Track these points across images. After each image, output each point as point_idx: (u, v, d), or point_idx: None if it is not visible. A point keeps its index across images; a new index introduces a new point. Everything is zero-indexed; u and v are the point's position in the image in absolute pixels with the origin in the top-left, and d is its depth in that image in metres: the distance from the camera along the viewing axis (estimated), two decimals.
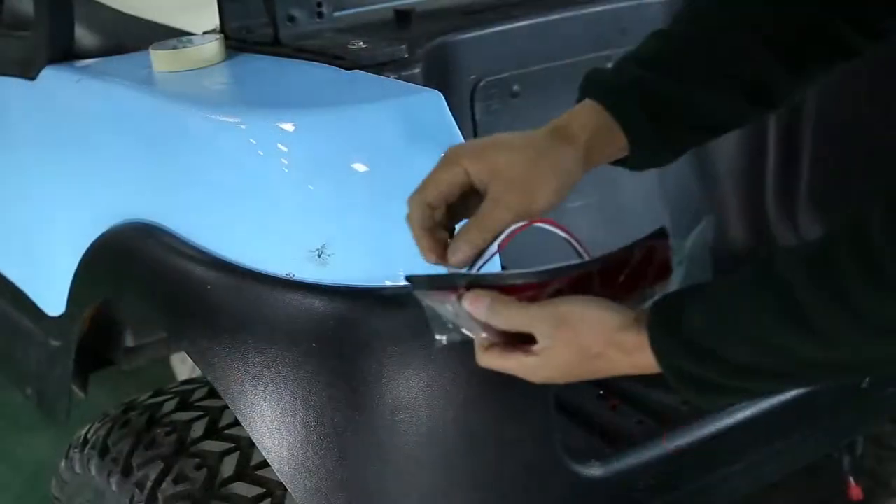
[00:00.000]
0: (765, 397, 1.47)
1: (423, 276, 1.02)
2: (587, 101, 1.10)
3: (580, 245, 1.03)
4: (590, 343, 0.98)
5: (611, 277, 1.00)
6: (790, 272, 0.87)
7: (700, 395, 0.96)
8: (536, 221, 1.03)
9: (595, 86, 1.11)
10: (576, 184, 1.07)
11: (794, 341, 0.87)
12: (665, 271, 1.03)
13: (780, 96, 1.14)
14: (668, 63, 1.11)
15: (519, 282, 1.00)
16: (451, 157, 1.05)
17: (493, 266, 1.24)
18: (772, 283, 0.89)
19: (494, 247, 1.04)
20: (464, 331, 1.03)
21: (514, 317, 0.99)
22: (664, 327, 0.95)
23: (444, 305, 1.02)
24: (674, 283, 1.05)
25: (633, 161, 1.12)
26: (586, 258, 1.03)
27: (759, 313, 0.89)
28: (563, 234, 1.03)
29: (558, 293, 1.00)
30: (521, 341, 1.01)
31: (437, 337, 1.05)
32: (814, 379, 0.94)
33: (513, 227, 1.02)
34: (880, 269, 0.80)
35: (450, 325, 1.04)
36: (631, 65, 1.12)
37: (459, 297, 1.00)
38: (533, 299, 1.00)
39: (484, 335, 1.02)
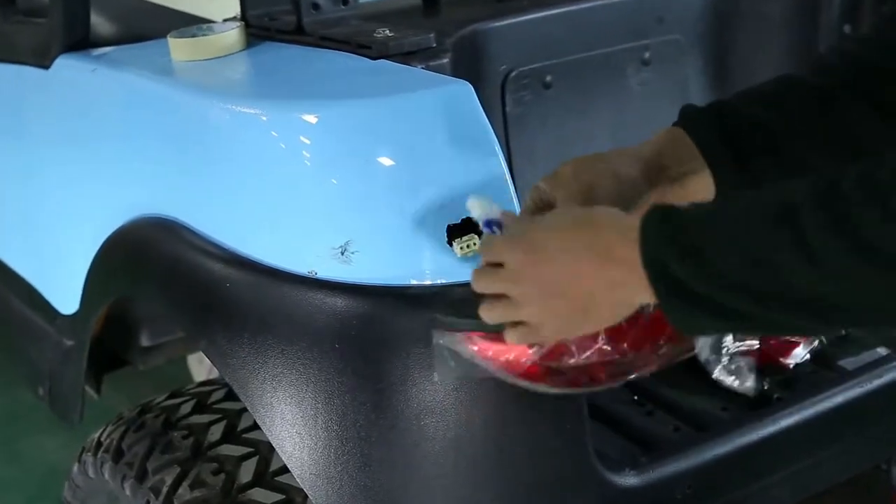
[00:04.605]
0: (746, 332, 1.45)
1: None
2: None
3: None
4: (581, 217, 1.01)
5: None
6: (796, 195, 0.88)
7: (675, 302, 0.93)
8: None
9: (681, 112, 1.20)
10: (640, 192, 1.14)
11: (786, 260, 0.86)
12: None
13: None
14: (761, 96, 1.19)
15: None
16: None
17: None
18: (774, 199, 0.89)
19: None
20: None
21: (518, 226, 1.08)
22: (657, 216, 0.94)
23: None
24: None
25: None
26: None
27: (758, 222, 0.89)
28: None
29: None
30: None
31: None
32: (797, 313, 0.90)
33: None
34: (886, 201, 0.82)
35: (452, 364, 1.11)
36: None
37: None
38: None
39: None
